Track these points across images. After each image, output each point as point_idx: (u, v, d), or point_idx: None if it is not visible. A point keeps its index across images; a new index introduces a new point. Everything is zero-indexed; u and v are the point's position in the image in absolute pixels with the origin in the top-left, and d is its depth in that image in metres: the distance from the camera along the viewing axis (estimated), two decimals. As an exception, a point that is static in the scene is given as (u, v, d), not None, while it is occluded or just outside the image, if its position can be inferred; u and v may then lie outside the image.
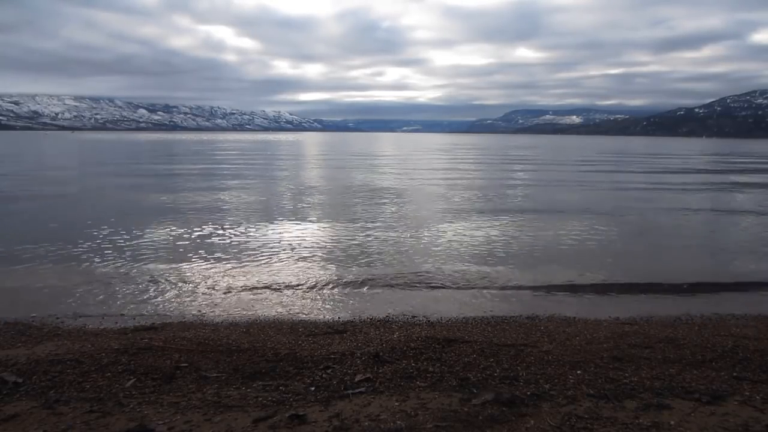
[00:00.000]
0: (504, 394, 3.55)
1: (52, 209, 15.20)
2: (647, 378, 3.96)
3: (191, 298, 7.37)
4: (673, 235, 12.46)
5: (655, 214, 15.47)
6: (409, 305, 7.13)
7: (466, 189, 21.87)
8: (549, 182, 26.11)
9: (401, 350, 4.61)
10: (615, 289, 7.94)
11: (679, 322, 6.23)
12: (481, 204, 17.13)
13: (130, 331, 5.79)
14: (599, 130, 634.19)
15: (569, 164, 41.77)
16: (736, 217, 15.42)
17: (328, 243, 10.89)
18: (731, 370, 4.18)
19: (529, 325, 6.00)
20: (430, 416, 3.24)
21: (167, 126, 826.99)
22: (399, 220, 13.59)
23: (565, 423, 3.17)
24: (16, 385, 3.76)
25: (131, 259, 9.36)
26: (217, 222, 13.18)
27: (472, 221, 13.61)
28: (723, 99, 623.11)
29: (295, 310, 6.89)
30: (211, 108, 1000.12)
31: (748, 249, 10.85)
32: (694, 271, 8.95)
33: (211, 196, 18.56)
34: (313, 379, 3.97)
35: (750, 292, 7.88)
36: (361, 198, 18.38)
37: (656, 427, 3.13)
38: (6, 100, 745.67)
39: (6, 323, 6.08)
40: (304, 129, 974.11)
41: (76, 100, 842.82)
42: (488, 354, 4.53)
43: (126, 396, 3.61)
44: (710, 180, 29.16)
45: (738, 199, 19.93)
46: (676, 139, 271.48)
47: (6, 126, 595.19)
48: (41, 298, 7.26)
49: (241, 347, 4.83)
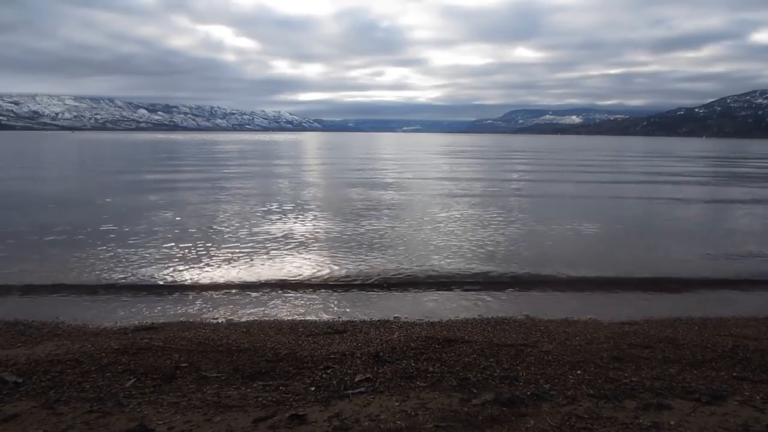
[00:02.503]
0: (504, 394, 3.56)
1: (52, 210, 15.19)
2: (647, 378, 3.96)
3: (191, 298, 7.37)
4: (673, 234, 12.45)
5: (655, 214, 15.47)
6: (409, 305, 7.13)
7: (467, 189, 21.87)
8: (549, 182, 26.11)
9: (401, 350, 4.61)
10: (615, 288, 7.94)
11: (679, 322, 6.23)
12: (481, 204, 17.13)
13: (130, 331, 5.79)
14: (599, 130, 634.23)
15: (569, 164, 41.77)
16: (736, 217, 15.42)
17: (328, 243, 10.89)
18: (731, 370, 4.18)
19: (529, 325, 6.00)
20: (430, 416, 3.24)
21: (167, 126, 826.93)
22: (399, 220, 13.58)
23: (565, 423, 3.17)
24: (16, 385, 3.76)
25: (131, 259, 9.35)
26: (217, 222, 13.18)
27: (472, 221, 13.60)
28: (723, 99, 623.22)
29: (295, 310, 6.89)
30: (211, 108, 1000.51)
31: (748, 249, 10.84)
32: (695, 270, 8.95)
33: (211, 197, 18.56)
34: (313, 379, 3.97)
35: (750, 292, 7.88)
36: (361, 198, 18.38)
37: (656, 427, 3.13)
38: (6, 100, 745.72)
39: (6, 323, 6.07)
40: (304, 129, 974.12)
41: (76, 100, 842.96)
42: (488, 354, 4.53)
43: (126, 396, 3.61)
44: (710, 180, 29.17)
45: (738, 200, 19.92)
46: (676, 139, 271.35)
47: (6, 126, 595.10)
48: (41, 298, 7.26)
49: (241, 347, 4.83)
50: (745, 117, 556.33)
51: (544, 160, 47.59)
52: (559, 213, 15.28)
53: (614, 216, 14.96)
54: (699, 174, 33.64)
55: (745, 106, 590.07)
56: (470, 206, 16.47)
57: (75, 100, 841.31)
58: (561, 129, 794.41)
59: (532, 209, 16.02)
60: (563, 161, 46.37)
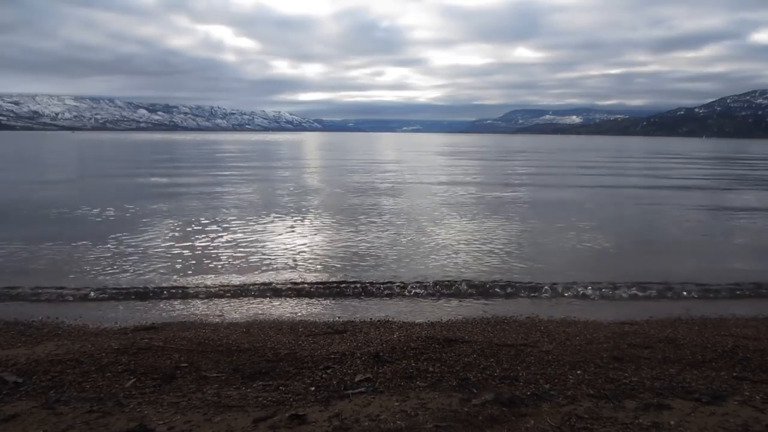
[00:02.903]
0: (504, 394, 3.56)
1: (52, 210, 15.18)
2: (647, 378, 3.96)
3: (191, 298, 7.37)
4: (673, 234, 12.46)
5: (656, 215, 15.46)
6: (409, 305, 7.13)
7: (466, 189, 21.87)
8: (548, 182, 26.11)
9: (401, 350, 4.61)
10: (615, 289, 7.93)
11: (679, 322, 6.23)
12: (481, 204, 17.13)
13: (130, 331, 5.79)
14: (599, 130, 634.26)
15: (569, 165, 41.76)
16: (736, 217, 15.41)
17: (328, 243, 10.89)
18: (731, 370, 4.18)
19: (529, 325, 6.00)
20: (430, 416, 3.24)
21: (167, 126, 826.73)
22: (399, 220, 13.58)
23: (565, 423, 3.17)
24: (16, 385, 3.76)
25: (131, 259, 9.35)
26: (218, 222, 13.18)
27: (472, 221, 13.60)
28: (723, 99, 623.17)
29: (295, 310, 6.89)
30: (211, 108, 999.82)
31: (748, 249, 10.84)
32: (695, 270, 8.94)
33: (211, 197, 18.57)
34: (313, 379, 3.97)
35: (750, 292, 7.87)
36: (361, 198, 18.39)
37: (656, 427, 3.13)
38: (6, 100, 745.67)
39: (6, 323, 6.08)
40: (304, 129, 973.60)
41: (76, 100, 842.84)
42: (488, 354, 4.53)
43: (126, 396, 3.61)
44: (710, 180, 29.15)
45: (738, 200, 19.92)
46: (676, 140, 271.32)
47: (6, 126, 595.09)
48: (41, 298, 7.26)
49: (241, 347, 4.83)
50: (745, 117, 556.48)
51: (547, 161, 47.57)
52: (559, 213, 15.27)
53: (615, 217, 14.96)
54: (705, 176, 33.63)
55: (745, 106, 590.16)
56: (470, 206, 16.47)
57: (75, 100, 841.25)
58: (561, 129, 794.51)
59: (532, 209, 16.01)
60: (564, 162, 46.37)
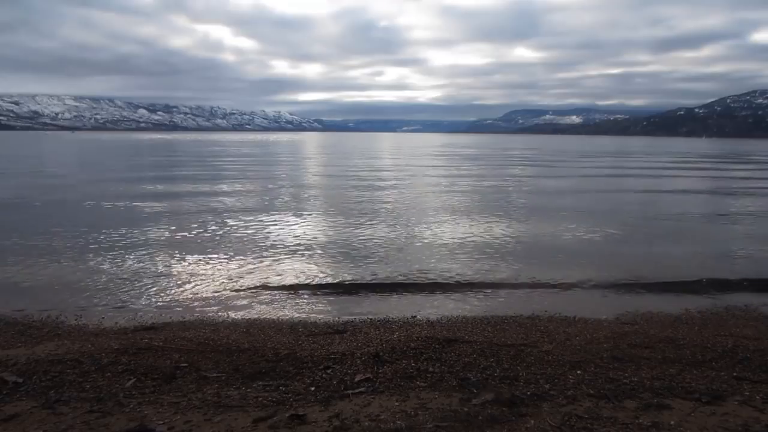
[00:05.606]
0: (504, 394, 3.56)
1: (52, 211, 15.18)
2: (647, 378, 3.96)
3: (191, 298, 7.36)
4: (673, 234, 12.45)
5: (655, 215, 15.45)
6: (409, 305, 7.13)
7: (466, 189, 21.87)
8: (548, 182, 26.10)
9: (401, 350, 4.61)
10: (615, 289, 7.93)
11: (679, 322, 6.23)
12: (481, 204, 17.13)
13: (130, 331, 5.79)
14: (599, 130, 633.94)
15: (569, 165, 41.76)
16: (736, 218, 15.40)
17: (328, 243, 10.89)
18: (731, 370, 4.18)
19: (529, 325, 6.00)
20: (430, 416, 3.24)
21: (167, 126, 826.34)
22: (399, 220, 13.58)
23: (565, 423, 3.17)
24: (16, 385, 3.76)
25: (131, 259, 9.36)
26: (218, 222, 13.18)
27: (472, 221, 13.60)
28: (723, 99, 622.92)
29: (295, 310, 6.89)
30: (211, 108, 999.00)
31: (748, 249, 10.84)
32: (695, 270, 8.94)
33: (211, 197, 18.57)
34: (313, 379, 3.97)
35: (750, 292, 7.88)
36: (361, 198, 18.39)
37: (656, 427, 3.13)
38: (6, 100, 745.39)
39: (6, 323, 6.08)
40: (304, 129, 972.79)
41: (76, 100, 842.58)
42: (488, 354, 4.53)
43: (126, 396, 3.61)
44: (710, 180, 29.14)
45: (738, 200, 19.91)
46: (677, 139, 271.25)
47: (6, 126, 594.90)
48: (41, 298, 7.26)
49: (241, 347, 4.83)
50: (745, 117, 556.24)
51: (545, 162, 47.57)
52: (559, 212, 15.27)
53: (614, 216, 14.95)
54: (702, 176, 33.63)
55: (745, 106, 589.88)
56: (470, 206, 16.47)
57: (75, 100, 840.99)
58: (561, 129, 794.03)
59: (533, 210, 16.01)
60: (563, 162, 46.38)
